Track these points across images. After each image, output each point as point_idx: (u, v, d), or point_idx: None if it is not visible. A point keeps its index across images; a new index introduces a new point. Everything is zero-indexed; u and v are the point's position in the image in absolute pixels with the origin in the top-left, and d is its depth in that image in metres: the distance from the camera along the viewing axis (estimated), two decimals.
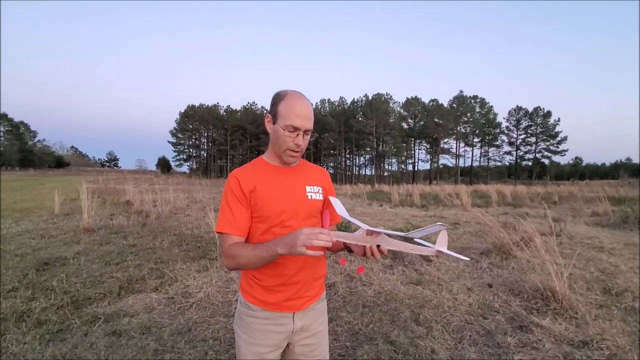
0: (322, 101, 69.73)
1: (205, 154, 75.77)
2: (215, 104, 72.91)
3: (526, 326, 2.73)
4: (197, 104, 71.68)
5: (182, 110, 71.31)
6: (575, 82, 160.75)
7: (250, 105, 73.16)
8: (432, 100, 65.05)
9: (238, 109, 73.11)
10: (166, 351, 2.37)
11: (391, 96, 64.53)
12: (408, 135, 65.56)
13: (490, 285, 3.76)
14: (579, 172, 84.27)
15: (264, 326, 1.12)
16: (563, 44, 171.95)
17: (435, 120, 62.16)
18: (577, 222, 8.78)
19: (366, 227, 0.98)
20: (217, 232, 1.11)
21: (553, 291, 3.19)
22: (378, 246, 1.00)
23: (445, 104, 64.64)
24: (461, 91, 64.43)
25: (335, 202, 1.20)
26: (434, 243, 1.12)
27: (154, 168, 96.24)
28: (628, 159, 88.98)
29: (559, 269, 3.31)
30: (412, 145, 67.98)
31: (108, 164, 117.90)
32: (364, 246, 1.00)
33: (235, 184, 1.10)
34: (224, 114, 71.57)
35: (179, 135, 73.11)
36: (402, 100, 66.80)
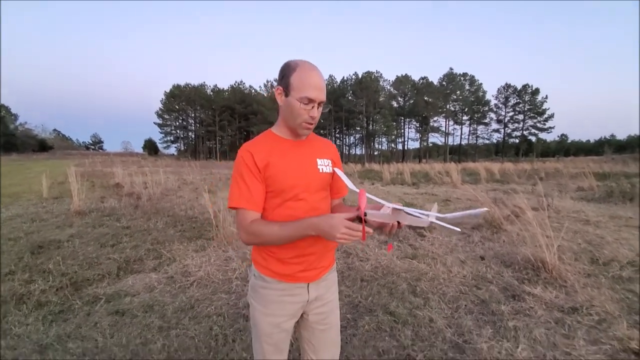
0: None
1: (193, 135, 74.39)
2: (201, 84, 71.00)
3: (518, 295, 2.84)
4: (182, 84, 69.73)
5: (168, 90, 69.35)
6: (562, 60, 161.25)
7: (238, 84, 71.52)
8: (422, 78, 64.53)
9: (225, 89, 71.46)
10: (171, 328, 2.40)
11: (381, 74, 63.83)
12: (398, 114, 65.29)
13: (482, 258, 3.88)
14: (564, 148, 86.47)
15: (279, 297, 1.14)
16: (551, 22, 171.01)
17: (425, 98, 61.89)
18: (563, 197, 9.01)
19: (391, 205, 0.96)
20: (233, 208, 1.09)
21: (543, 262, 3.32)
22: (398, 222, 1.00)
23: (435, 82, 64.33)
24: (451, 68, 64.08)
25: (342, 175, 1.19)
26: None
27: (140, 150, 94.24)
28: (612, 135, 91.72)
29: (549, 241, 3.43)
30: (402, 124, 67.88)
31: (93, 147, 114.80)
32: (383, 222, 0.99)
33: (249, 158, 1.08)
34: (211, 93, 69.87)
35: (165, 116, 71.27)
36: (392, 78, 66.24)
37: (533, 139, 65.65)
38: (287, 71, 1.07)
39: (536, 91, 61.82)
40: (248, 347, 2.14)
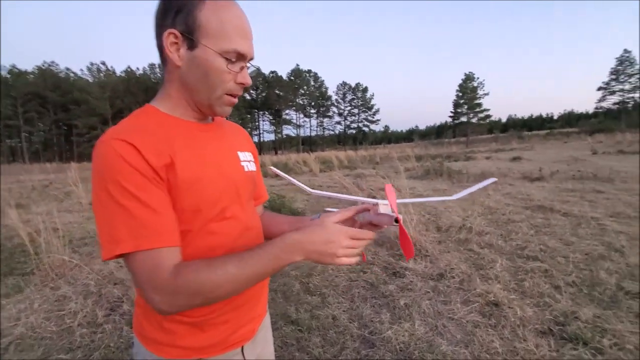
0: (152, 66, 60.64)
1: None
2: None
3: (398, 271, 3.11)
4: None
5: None
6: (382, 61, 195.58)
7: (49, 65, 56.38)
8: (272, 72, 66.58)
9: (30, 71, 55.22)
10: None
11: None
12: (252, 107, 65.74)
13: None
14: (388, 137, 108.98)
15: None
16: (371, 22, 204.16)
17: (277, 91, 64.39)
18: (398, 177, 10.80)
19: (382, 201, 0.75)
20: (124, 254, 0.56)
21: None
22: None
23: (285, 77, 67.56)
24: (297, 65, 68.44)
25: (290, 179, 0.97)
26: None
27: None
28: (416, 126, 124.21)
29: (409, 217, 3.93)
30: (257, 116, 68.73)
31: None
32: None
33: (133, 154, 0.57)
34: (8, 76, 52.52)
35: None
36: None
37: (366, 129, 77.58)
38: (187, 4, 0.61)
39: (365, 89, 72.99)
40: None
